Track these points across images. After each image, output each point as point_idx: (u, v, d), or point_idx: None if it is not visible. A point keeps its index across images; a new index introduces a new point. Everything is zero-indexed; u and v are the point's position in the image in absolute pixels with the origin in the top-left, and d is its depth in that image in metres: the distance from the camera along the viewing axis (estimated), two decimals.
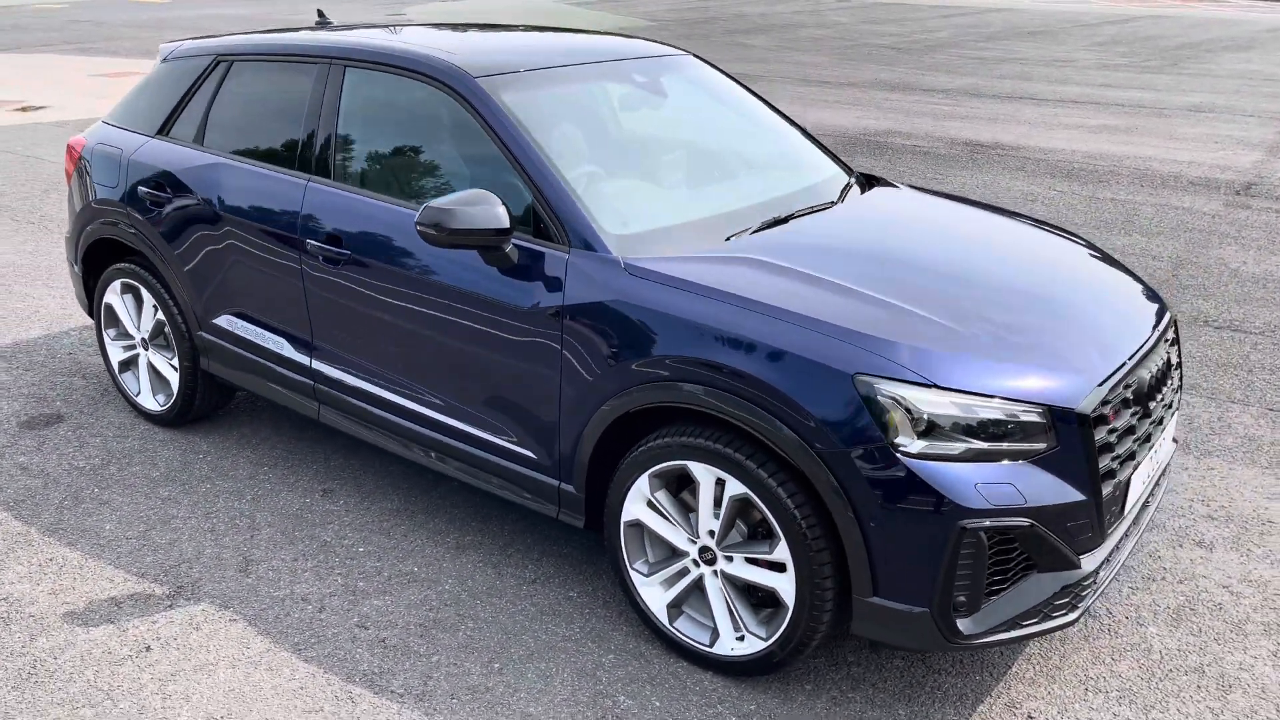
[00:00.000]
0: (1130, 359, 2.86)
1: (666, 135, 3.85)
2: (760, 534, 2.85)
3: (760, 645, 2.87)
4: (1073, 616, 2.75)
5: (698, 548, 2.94)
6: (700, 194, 3.58)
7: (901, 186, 3.96)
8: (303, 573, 3.47)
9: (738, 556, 2.86)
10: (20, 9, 26.21)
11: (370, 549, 3.61)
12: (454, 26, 4.36)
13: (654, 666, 3.03)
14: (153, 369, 4.42)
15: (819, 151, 4.09)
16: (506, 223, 3.00)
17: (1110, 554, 2.84)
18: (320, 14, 4.61)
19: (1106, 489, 2.72)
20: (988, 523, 2.55)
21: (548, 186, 3.11)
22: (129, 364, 4.53)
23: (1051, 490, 2.62)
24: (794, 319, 2.71)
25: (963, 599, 2.62)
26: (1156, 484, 3.21)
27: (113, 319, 4.51)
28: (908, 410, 2.55)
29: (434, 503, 3.89)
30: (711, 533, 2.89)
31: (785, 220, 3.38)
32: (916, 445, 2.56)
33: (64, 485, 4.00)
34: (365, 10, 26.72)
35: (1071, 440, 2.63)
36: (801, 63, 17.32)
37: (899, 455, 2.55)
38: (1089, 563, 2.73)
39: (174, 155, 4.09)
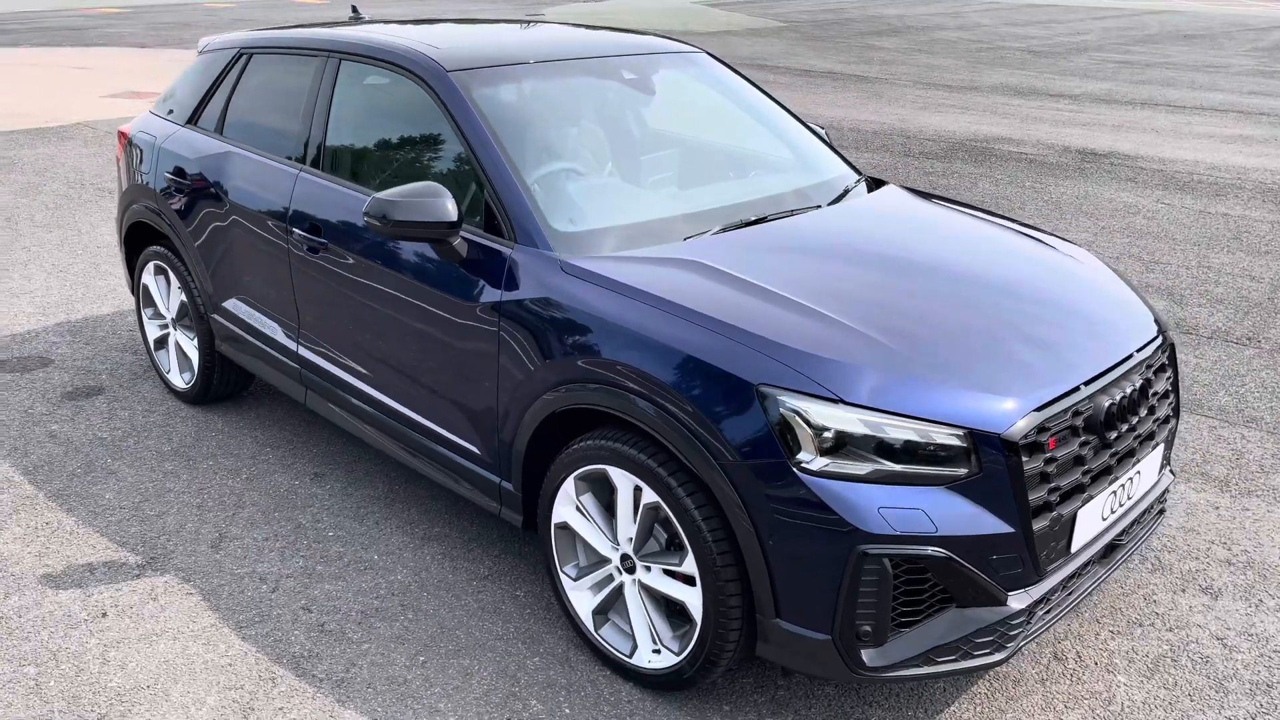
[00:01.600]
0: (1086, 384, 2.64)
1: (651, 133, 3.77)
2: (675, 545, 2.76)
3: (673, 660, 2.78)
4: (999, 657, 2.56)
5: (619, 555, 2.87)
6: (675, 192, 3.49)
7: (903, 191, 3.77)
8: (269, 552, 3.55)
9: (655, 567, 2.78)
10: (192, 8, 27.85)
11: (339, 534, 3.67)
12: (475, 22, 4.39)
13: (576, 673, 2.97)
14: (179, 348, 4.62)
15: (826, 153, 3.94)
16: (453, 217, 2.99)
17: (1052, 593, 2.63)
18: (354, 9, 4.71)
19: (1041, 523, 2.52)
20: (892, 549, 2.39)
21: (500, 181, 3.09)
22: (162, 342, 4.74)
23: (970, 520, 2.44)
24: (708, 325, 2.61)
25: (868, 628, 2.47)
26: (1137, 521, 2.96)
27: (149, 299, 4.73)
28: (810, 425, 2.42)
29: (415, 493, 3.93)
30: (631, 540, 2.81)
31: (757, 222, 3.26)
32: (819, 462, 2.42)
33: (82, 454, 4.22)
34: (499, 11, 27.34)
35: (996, 467, 2.45)
36: (928, 66, 16.80)
37: (798, 472, 2.42)
38: (1018, 601, 2.54)
39: (195, 144, 4.25)
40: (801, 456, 2.43)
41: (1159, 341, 2.98)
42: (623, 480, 2.75)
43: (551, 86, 3.59)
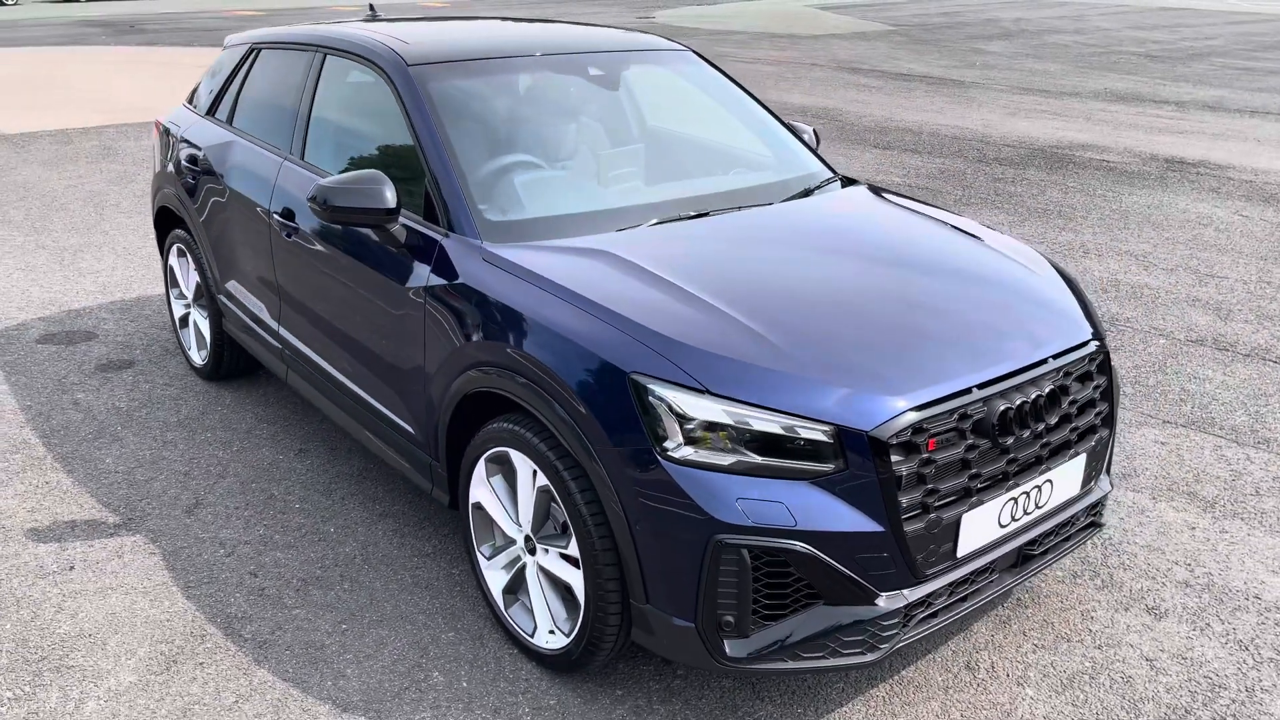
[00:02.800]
0: (980, 386, 2.59)
1: (616, 128, 3.82)
2: (567, 528, 2.81)
3: (564, 642, 2.84)
4: (869, 657, 2.54)
5: (523, 536, 2.94)
6: (626, 186, 3.53)
7: (867, 192, 3.74)
8: (235, 520, 3.75)
9: (552, 549, 2.84)
10: (323, 11, 29.03)
11: (305, 506, 3.84)
12: (478, 20, 4.51)
13: (485, 650, 3.06)
14: (196, 327, 4.89)
15: (801, 153, 3.93)
16: (392, 204, 3.11)
17: (933, 597, 2.59)
18: (371, 7, 4.91)
19: (915, 525, 2.49)
20: (750, 540, 2.40)
21: (440, 170, 3.20)
22: (184, 321, 5.03)
23: (834, 516, 2.43)
24: (595, 312, 2.66)
25: (730, 619, 2.48)
26: (1054, 532, 2.88)
27: (174, 280, 5.02)
28: (675, 414, 2.45)
29: (386, 472, 4.08)
30: (529, 522, 2.88)
31: (698, 216, 3.29)
32: (683, 451, 2.45)
33: (97, 421, 4.51)
34: (615, 15, 27.64)
35: (863, 466, 2.43)
36: (1031, 70, 16.32)
37: (663, 459, 2.45)
38: (889, 601, 2.51)
39: (208, 133, 4.51)
40: (668, 444, 2.46)
41: (1087, 349, 2.88)
42: (521, 463, 2.83)
43: (514, 82, 3.69)
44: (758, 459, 2.44)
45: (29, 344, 5.38)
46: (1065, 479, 2.84)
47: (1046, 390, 2.70)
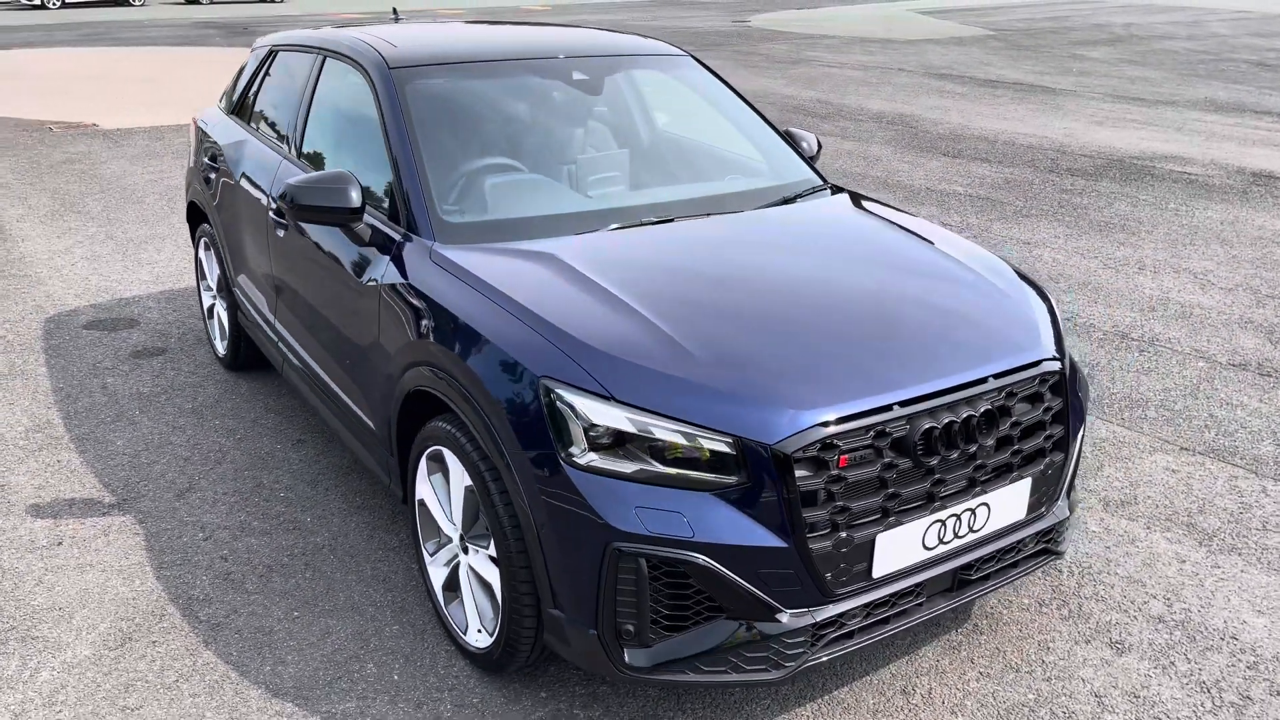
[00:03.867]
0: (903, 404, 2.51)
1: (592, 133, 3.82)
2: None
3: (488, 641, 2.86)
4: (773, 675, 2.50)
5: (458, 535, 2.97)
6: (598, 191, 3.53)
7: (848, 202, 3.67)
8: (220, 505, 3.88)
9: (480, 550, 2.87)
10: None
11: (288, 495, 3.95)
12: (476, 24, 4.57)
13: (423, 645, 3.10)
14: (219, 318, 5.07)
15: (791, 162, 3.88)
16: (356, 204, 3.19)
17: (846, 617, 2.53)
18: (394, 11, 5.02)
19: (821, 542, 2.43)
20: (646, 550, 2.39)
21: (405, 171, 3.26)
22: (210, 312, 5.22)
23: (734, 529, 2.39)
24: (518, 314, 2.68)
25: (630, 628, 2.47)
26: (996, 558, 2.79)
27: (202, 271, 5.22)
28: (580, 419, 2.45)
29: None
30: (460, 521, 2.92)
31: (662, 222, 3.29)
32: (587, 457, 2.45)
33: (119, 405, 4.72)
34: (709, 19, 27.62)
35: (766, 480, 2.39)
36: (1130, 78, 15.72)
37: (566, 465, 2.45)
38: (794, 619, 2.46)
39: (228, 131, 4.68)
40: (573, 450, 2.46)
41: (1038, 369, 2.77)
42: (453, 463, 2.86)
43: (495, 86, 3.72)
44: (660, 468, 2.42)
45: (76, 329, 5.65)
46: (1006, 504, 2.74)
47: (981, 410, 2.61)
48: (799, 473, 2.39)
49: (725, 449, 2.40)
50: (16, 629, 3.17)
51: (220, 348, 5.08)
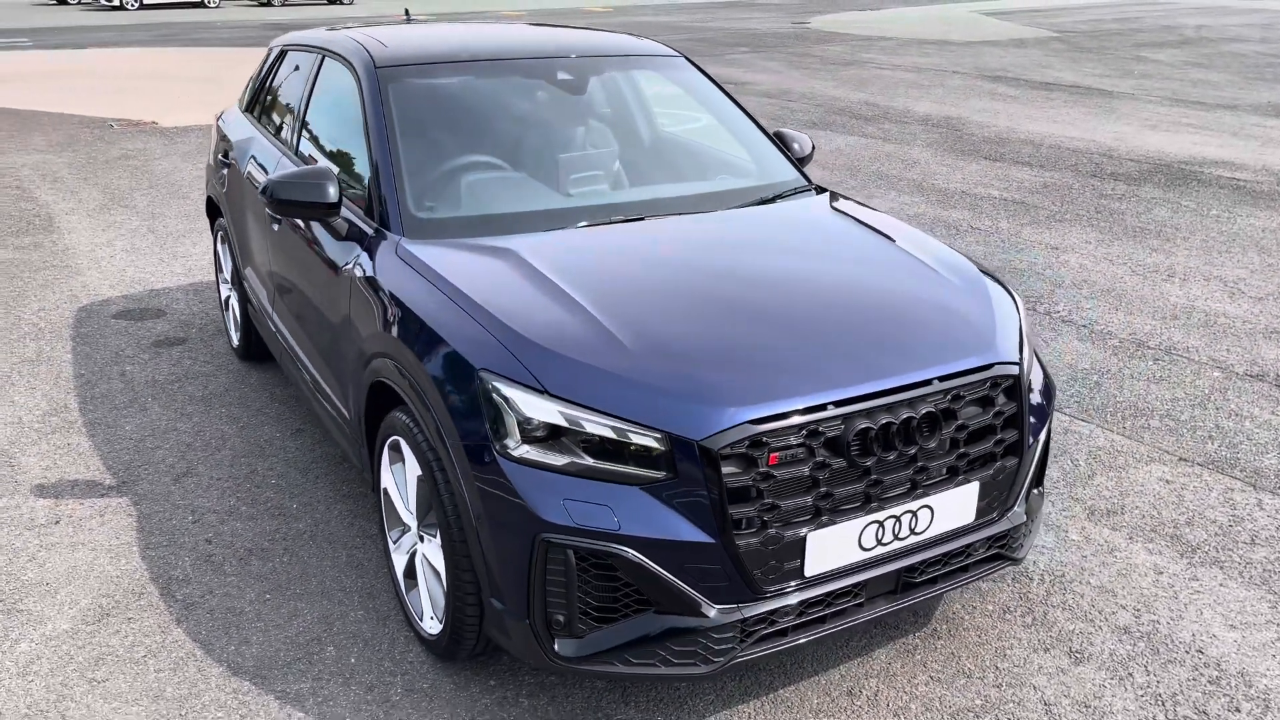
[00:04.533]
0: (837, 403, 2.51)
1: (573, 132, 3.86)
2: None
3: (438, 629, 2.92)
4: (702, 670, 2.52)
5: (415, 523, 3.04)
6: (568, 189, 3.57)
7: (824, 203, 3.66)
8: (213, 489, 4.00)
9: (434, 539, 2.93)
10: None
11: (279, 483, 4.06)
12: (470, 25, 4.64)
13: (384, 630, 3.18)
14: (234, 309, 5.22)
15: (775, 164, 3.89)
16: (334, 199, 3.28)
17: (777, 615, 2.54)
18: (406, 11, 5.12)
19: (749, 539, 2.45)
20: (574, 541, 2.42)
21: (380, 167, 3.35)
22: (226, 304, 5.37)
23: (660, 524, 2.42)
24: (466, 307, 2.74)
25: (560, 618, 2.51)
26: (943, 561, 2.77)
27: (219, 264, 5.38)
28: (514, 411, 2.50)
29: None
30: (415, 510, 2.98)
31: (631, 221, 3.33)
32: (521, 449, 2.49)
33: (134, 391, 4.89)
34: (769, 20, 27.52)
35: (693, 475, 2.41)
36: (1193, 81, 15.33)
37: (500, 456, 2.50)
38: (722, 615, 2.48)
39: (240, 129, 4.82)
40: (508, 442, 2.51)
41: (989, 371, 2.75)
42: (408, 453, 2.92)
43: (480, 85, 3.79)
44: (590, 461, 2.46)
45: (106, 318, 5.86)
46: (951, 507, 2.72)
47: (922, 412, 2.60)
48: (726, 469, 2.41)
49: (654, 444, 2.43)
50: (4, 601, 3.31)
51: (235, 338, 5.23)
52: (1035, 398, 2.99)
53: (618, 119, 4.01)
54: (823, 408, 2.50)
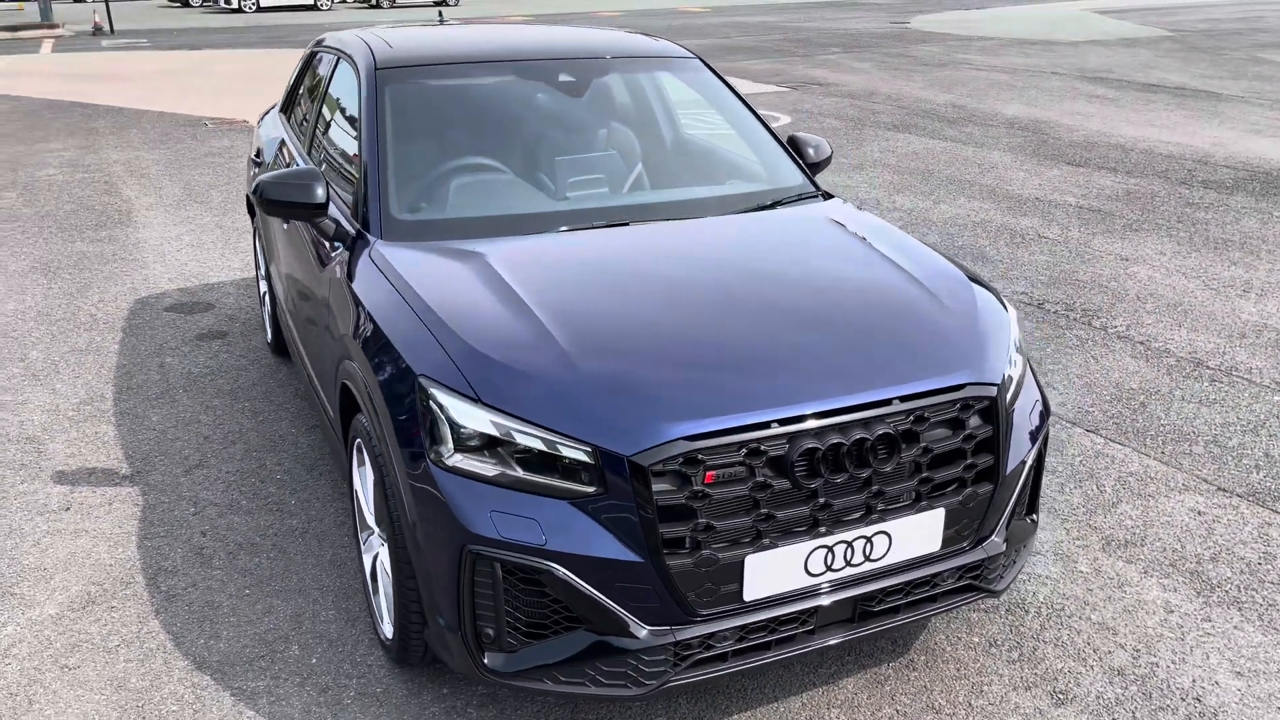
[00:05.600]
0: (782, 421, 2.40)
1: (571, 135, 3.80)
2: None
3: (391, 633, 2.90)
4: (633, 691, 2.44)
5: (376, 526, 3.03)
6: (559, 193, 3.51)
7: (818, 212, 3.52)
8: (219, 482, 4.08)
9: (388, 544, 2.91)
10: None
11: (284, 479, 4.11)
12: (490, 26, 4.63)
13: (351, 632, 3.17)
14: (267, 304, 5.33)
15: (783, 169, 3.78)
16: (321, 200, 3.29)
17: (715, 639, 2.44)
18: (440, 14, 5.14)
19: (680, 559, 2.35)
20: (500, 554, 2.37)
21: (368, 168, 3.35)
22: (263, 300, 5.48)
23: (588, 540, 2.35)
24: (419, 312, 2.71)
25: (490, 631, 2.46)
26: (906, 591, 2.63)
27: (258, 261, 5.49)
28: (448, 419, 2.46)
29: None
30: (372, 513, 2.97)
31: (615, 226, 3.27)
32: (455, 458, 2.45)
33: (169, 383, 5.03)
34: (868, 20, 27.03)
35: (623, 491, 2.33)
36: None
37: (433, 464, 2.46)
38: (654, 637, 2.39)
39: (271, 128, 4.91)
40: (442, 449, 2.47)
41: (960, 393, 2.59)
42: (367, 456, 2.91)
43: (479, 88, 3.76)
44: (521, 474, 2.40)
45: (158, 310, 6.05)
46: (913, 534, 2.58)
47: (877, 433, 2.47)
48: (658, 486, 2.33)
49: (584, 458, 2.36)
50: (1, 584, 3.42)
51: (269, 334, 5.33)
52: (1025, 419, 2.82)
53: (623, 121, 3.94)
54: (766, 425, 2.39)
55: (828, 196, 3.70)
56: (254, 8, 36.67)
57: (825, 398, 2.46)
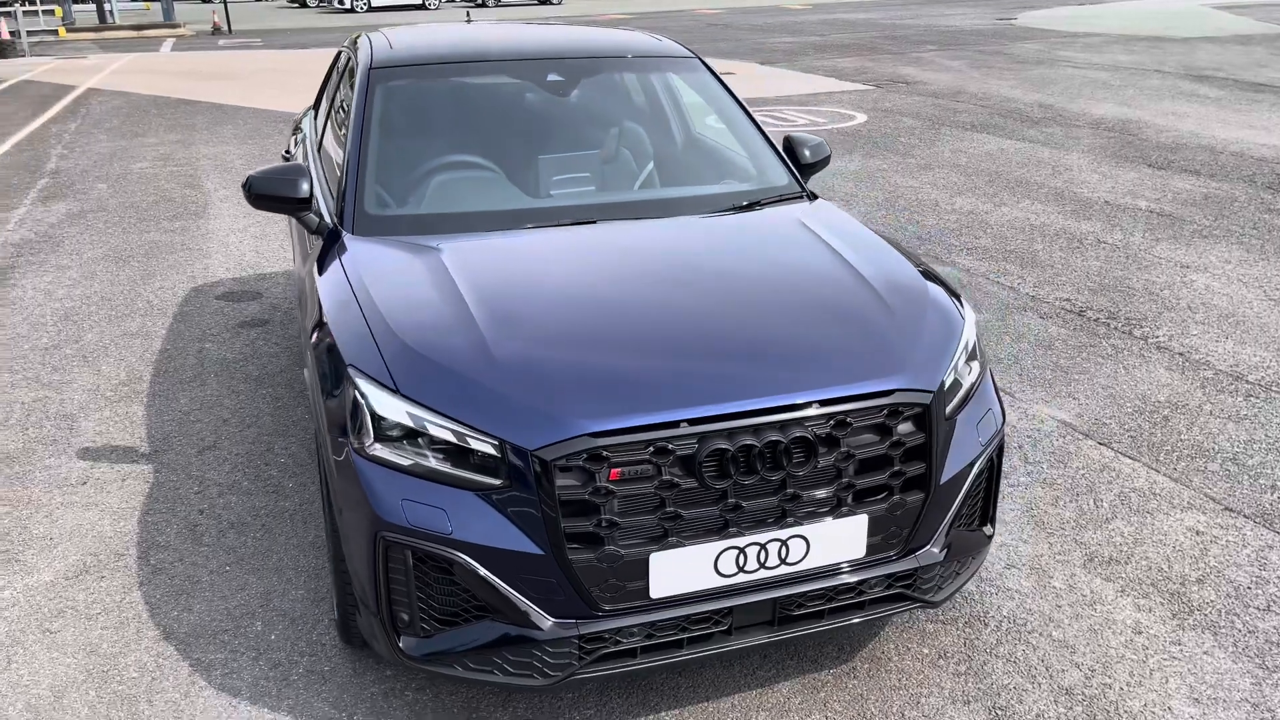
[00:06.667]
0: (692, 421, 2.40)
1: (556, 134, 3.84)
2: None
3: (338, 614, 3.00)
4: (539, 682, 2.48)
5: None
6: (536, 191, 3.56)
7: (794, 213, 3.49)
8: (226, 464, 4.26)
9: None
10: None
11: (287, 462, 4.27)
12: (505, 25, 4.70)
13: (314, 611, 3.29)
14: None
15: (771, 170, 3.76)
16: (304, 195, 3.43)
17: (622, 634, 2.46)
18: (468, 13, 5.25)
19: (583, 554, 2.38)
20: (409, 542, 2.44)
21: (349, 163, 3.46)
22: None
23: (492, 532, 2.40)
24: (363, 306, 2.79)
25: (405, 616, 2.53)
26: (830, 596, 2.61)
27: (295, 254, 5.70)
28: (369, 409, 2.53)
29: None
30: None
31: (581, 224, 3.31)
32: (375, 447, 2.53)
33: (205, 369, 5.26)
34: (973, 16, 26.39)
35: (526, 485, 2.37)
36: None
37: (354, 452, 2.54)
38: (557, 629, 2.43)
39: (304, 126, 5.08)
40: (364, 438, 2.55)
41: (888, 399, 2.55)
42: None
43: (472, 87, 3.84)
44: (432, 464, 2.46)
45: (210, 299, 6.33)
46: (833, 540, 2.55)
47: (792, 436, 2.45)
48: (561, 481, 2.36)
49: (490, 450, 2.41)
50: (9, 551, 3.65)
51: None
52: (971, 428, 2.76)
53: (614, 122, 3.96)
54: (675, 425, 2.40)
55: (813, 197, 3.67)
56: (366, 7, 37.75)
57: (740, 399, 2.46)
